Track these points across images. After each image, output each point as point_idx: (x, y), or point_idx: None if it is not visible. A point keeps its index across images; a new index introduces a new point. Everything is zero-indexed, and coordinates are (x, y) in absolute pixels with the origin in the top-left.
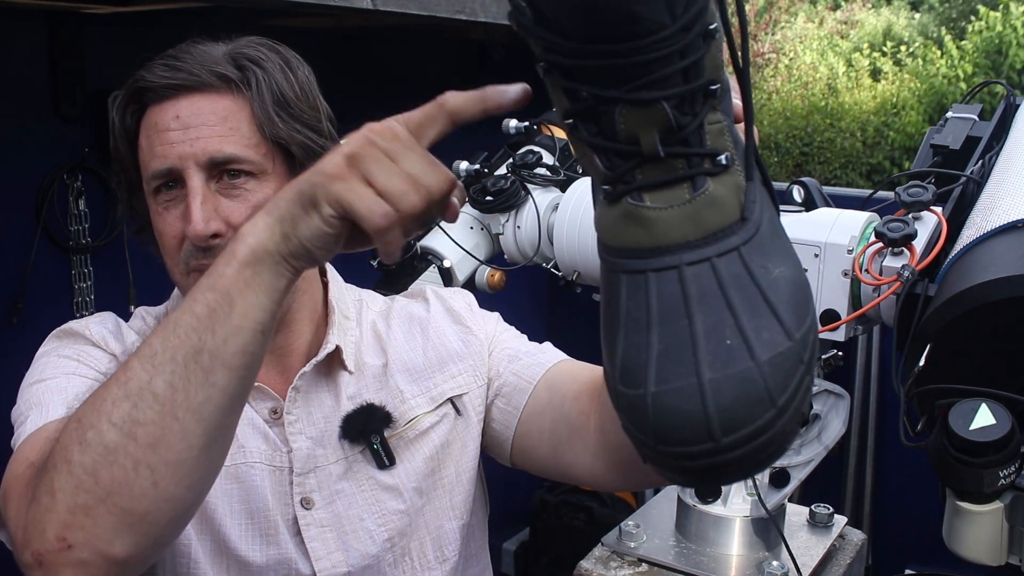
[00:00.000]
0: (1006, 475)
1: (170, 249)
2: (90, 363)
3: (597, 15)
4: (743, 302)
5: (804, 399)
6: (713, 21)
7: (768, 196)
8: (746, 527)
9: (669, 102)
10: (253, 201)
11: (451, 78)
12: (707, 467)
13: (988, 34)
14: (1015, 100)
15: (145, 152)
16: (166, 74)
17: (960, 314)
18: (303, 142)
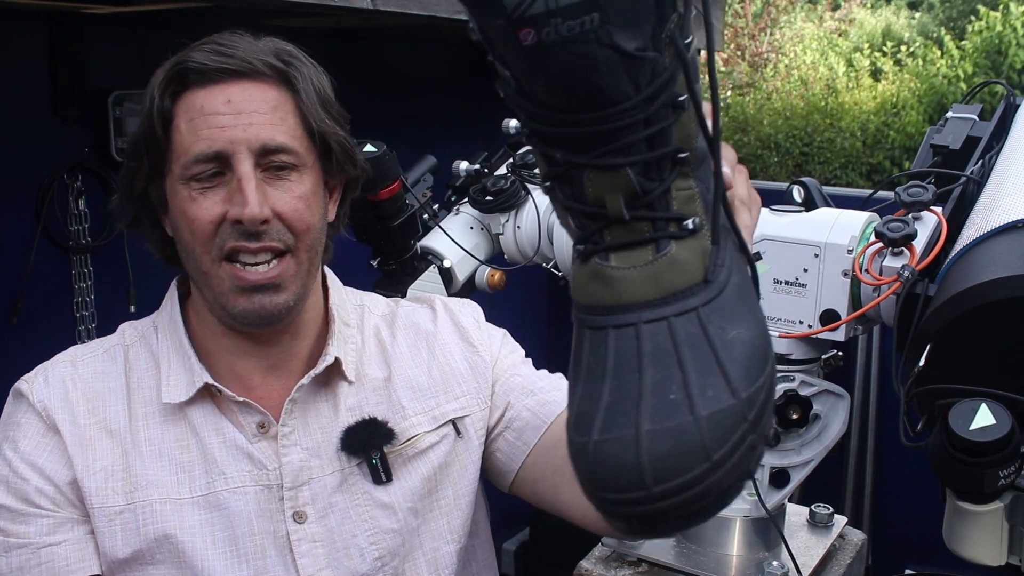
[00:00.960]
0: (1006, 475)
1: (203, 235)
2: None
3: (566, 87)
4: (694, 360)
5: (746, 456)
6: (682, 92)
7: (743, 259)
8: (746, 527)
9: (634, 168)
10: (297, 192)
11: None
12: (641, 515)
13: (988, 34)
14: (1015, 100)
15: (186, 135)
16: (218, 58)
17: (960, 314)
18: (341, 139)
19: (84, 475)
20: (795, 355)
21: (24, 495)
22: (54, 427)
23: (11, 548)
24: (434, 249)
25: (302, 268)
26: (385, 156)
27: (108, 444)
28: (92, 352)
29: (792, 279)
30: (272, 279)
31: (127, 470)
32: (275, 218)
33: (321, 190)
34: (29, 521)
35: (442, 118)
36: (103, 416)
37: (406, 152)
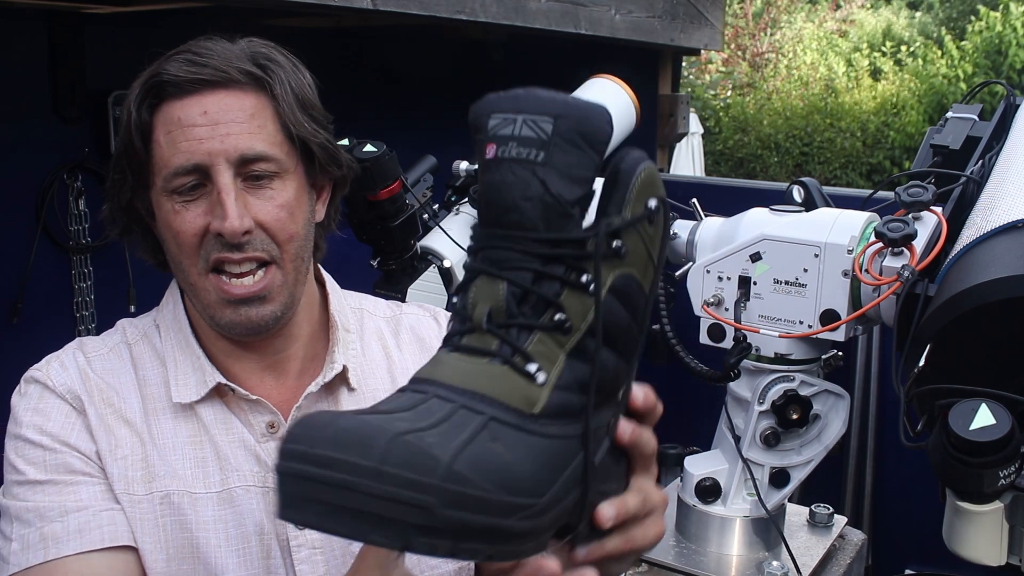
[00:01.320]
0: (1006, 475)
1: (188, 247)
2: (55, 448)
3: (497, 199)
4: (445, 432)
5: (405, 506)
6: (588, 272)
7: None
8: (746, 527)
9: (511, 288)
10: (279, 200)
11: (451, 78)
12: (289, 456)
13: (988, 34)
14: (1015, 100)
15: (165, 148)
16: (191, 69)
17: (960, 314)
18: (322, 142)
19: (107, 459)
20: (795, 355)
21: (69, 467)
22: (81, 408)
23: (68, 512)
24: (434, 249)
25: (288, 278)
26: (385, 156)
27: (127, 433)
28: (98, 351)
29: (792, 279)
30: (257, 292)
31: (145, 460)
32: (257, 228)
33: (305, 195)
34: (81, 488)
35: (442, 118)
36: (119, 407)
37: (406, 152)
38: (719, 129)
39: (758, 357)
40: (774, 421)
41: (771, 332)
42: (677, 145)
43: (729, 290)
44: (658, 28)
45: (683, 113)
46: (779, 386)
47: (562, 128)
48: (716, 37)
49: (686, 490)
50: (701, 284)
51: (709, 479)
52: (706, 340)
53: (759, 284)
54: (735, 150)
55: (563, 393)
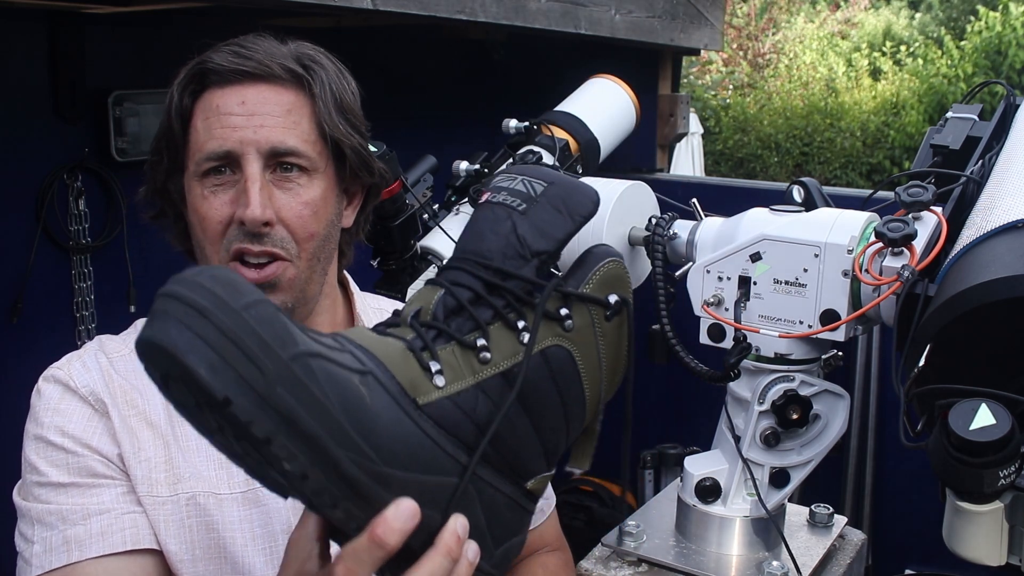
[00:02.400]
0: (1006, 475)
1: (213, 234)
2: (77, 451)
3: (480, 230)
4: (327, 345)
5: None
6: (525, 321)
7: None
8: (746, 527)
9: (445, 297)
10: (304, 197)
11: (451, 78)
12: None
13: (988, 34)
14: (1015, 100)
15: (201, 133)
16: (236, 60)
17: (960, 314)
18: (355, 146)
19: (131, 461)
20: (795, 355)
21: (91, 470)
22: (103, 410)
23: (91, 515)
24: (434, 249)
25: (301, 275)
26: (385, 156)
27: (150, 435)
28: (119, 350)
29: (792, 279)
30: (267, 278)
31: (169, 462)
32: (279, 223)
33: (333, 196)
34: (103, 491)
35: (442, 118)
36: (142, 408)
37: (406, 152)
38: (719, 129)
39: (758, 357)
40: (774, 421)
41: (771, 332)
42: (677, 145)
43: (729, 290)
44: (658, 28)
45: (683, 113)
46: (779, 386)
47: (551, 192)
48: (716, 37)
49: (686, 490)
50: (701, 284)
51: (709, 479)
52: (706, 340)
53: (759, 284)
54: (735, 150)
55: (457, 411)
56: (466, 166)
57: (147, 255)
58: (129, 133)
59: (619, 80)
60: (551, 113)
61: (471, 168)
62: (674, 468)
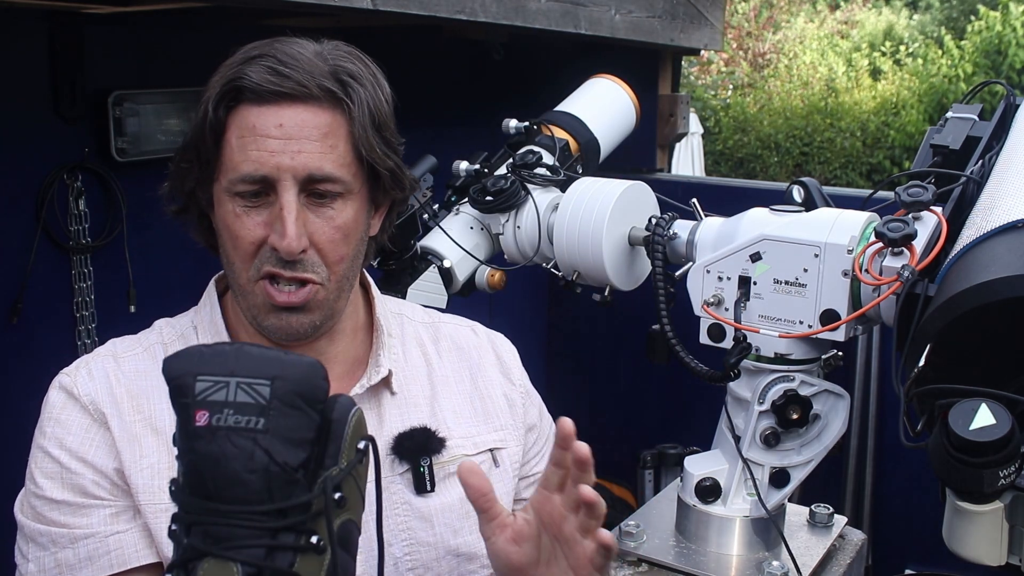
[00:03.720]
0: (1006, 475)
1: (244, 254)
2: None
3: (217, 472)
4: None
5: None
6: (320, 534)
7: None
8: (746, 527)
9: (244, 568)
10: (337, 221)
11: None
12: None
13: (988, 34)
14: (1015, 100)
15: (236, 152)
16: (273, 79)
17: (960, 314)
18: (391, 166)
19: (132, 471)
20: (795, 355)
21: (82, 488)
22: (103, 421)
23: (78, 539)
24: (434, 249)
25: (330, 296)
26: None
27: (154, 442)
28: (132, 350)
29: (792, 279)
30: (298, 303)
31: (172, 468)
32: (311, 248)
33: (364, 214)
34: (91, 512)
35: (442, 118)
36: (148, 414)
37: (406, 152)
38: (719, 129)
39: (758, 357)
40: (774, 421)
41: (771, 332)
42: (677, 145)
43: (729, 290)
44: (658, 28)
45: (683, 113)
46: (779, 386)
47: (280, 391)
48: (716, 37)
49: (686, 490)
50: (701, 284)
51: (709, 479)
52: (706, 340)
53: (759, 284)
54: (735, 150)
55: None
56: (466, 166)
57: (147, 255)
58: (129, 133)
59: (619, 80)
60: (551, 113)
61: (471, 168)
62: (674, 468)
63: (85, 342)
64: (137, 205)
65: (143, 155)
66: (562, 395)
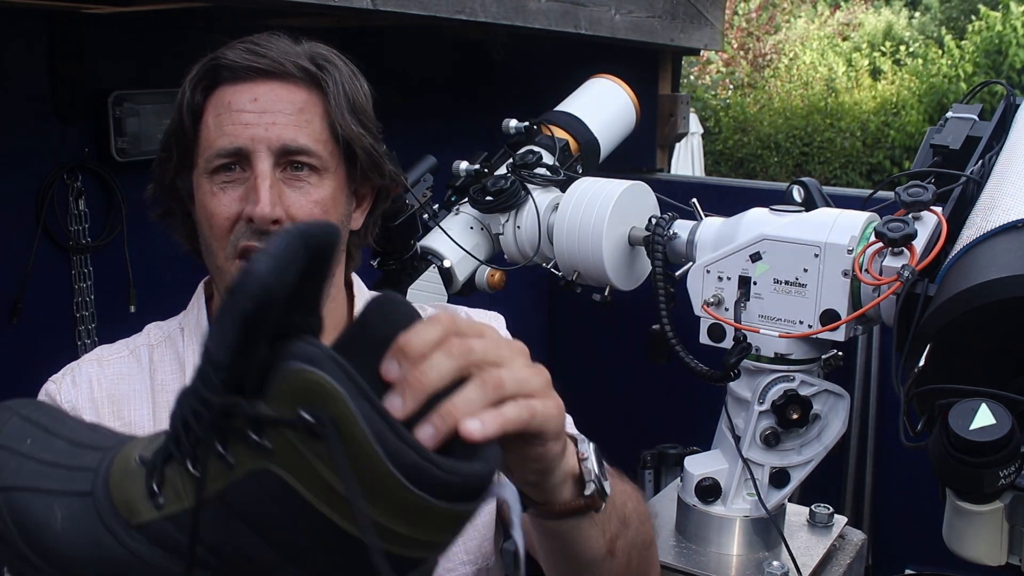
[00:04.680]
0: (1006, 475)
1: (220, 230)
2: None
3: None
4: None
5: None
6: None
7: None
8: (746, 527)
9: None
10: (314, 196)
11: (451, 78)
12: None
13: (988, 34)
14: (1015, 100)
15: (212, 130)
16: (249, 57)
17: (960, 314)
18: (367, 147)
19: None
20: (795, 355)
21: None
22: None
23: None
24: (434, 249)
25: None
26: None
27: None
28: (118, 353)
29: (792, 279)
30: None
31: None
32: (288, 221)
33: (343, 197)
34: None
35: (442, 118)
36: (128, 419)
37: (406, 152)
38: (719, 129)
39: (758, 357)
40: (774, 421)
41: (771, 332)
42: (677, 145)
43: (729, 290)
44: (658, 28)
45: (683, 113)
46: (779, 386)
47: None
48: (716, 37)
49: (686, 490)
50: (701, 284)
51: (709, 479)
52: (706, 340)
53: (759, 284)
54: (735, 150)
55: (175, 531)
56: (466, 166)
57: (147, 255)
58: (129, 133)
59: (619, 80)
60: (551, 113)
61: (471, 168)
62: (674, 468)
63: (85, 342)
64: (137, 205)
65: (143, 155)
66: (562, 395)
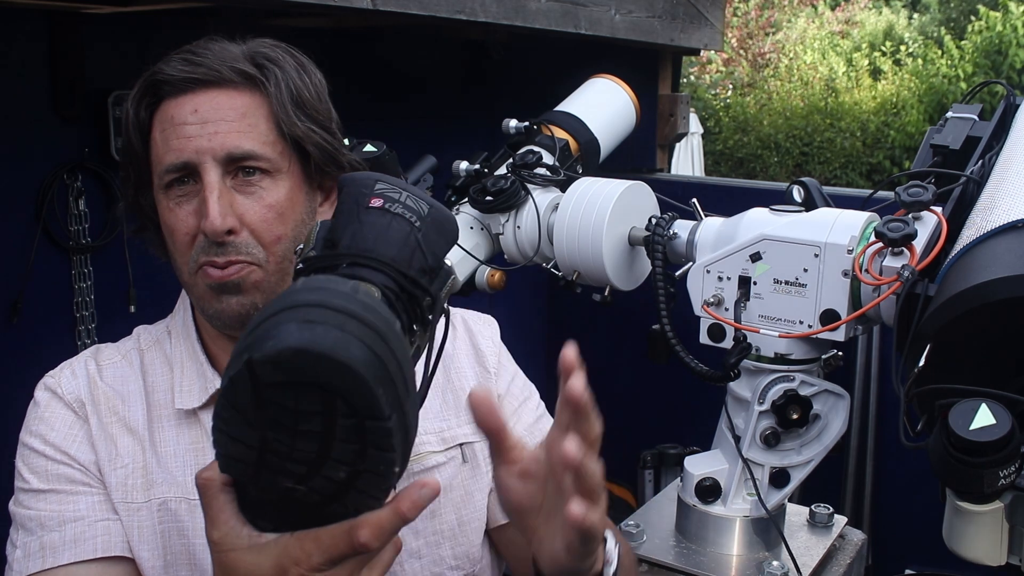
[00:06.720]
0: (1006, 475)
1: (181, 246)
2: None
3: (376, 235)
4: None
5: None
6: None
7: None
8: (746, 527)
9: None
10: (268, 200)
11: (451, 78)
12: None
13: (988, 34)
14: (1015, 100)
15: (159, 146)
16: (185, 68)
17: (960, 314)
18: (319, 142)
19: (107, 468)
20: (795, 355)
21: (69, 477)
22: (84, 416)
23: (66, 522)
24: None
25: (270, 277)
26: (385, 156)
27: (129, 442)
28: (111, 358)
29: (792, 279)
30: (229, 276)
31: (145, 468)
32: (243, 229)
33: (302, 195)
34: (79, 499)
35: (442, 118)
36: (124, 415)
37: (406, 152)
38: (719, 129)
39: (758, 357)
40: (774, 421)
41: (771, 332)
42: (677, 145)
43: (729, 290)
44: (658, 28)
45: (683, 113)
46: (779, 386)
47: (435, 215)
48: (716, 37)
49: (686, 490)
50: (701, 284)
51: (709, 479)
52: (706, 340)
53: (759, 284)
54: (735, 150)
55: None
56: (466, 166)
57: (147, 255)
58: None
59: (619, 80)
60: (551, 113)
61: (471, 168)
62: (674, 468)
63: (85, 342)
64: None
65: None
66: None
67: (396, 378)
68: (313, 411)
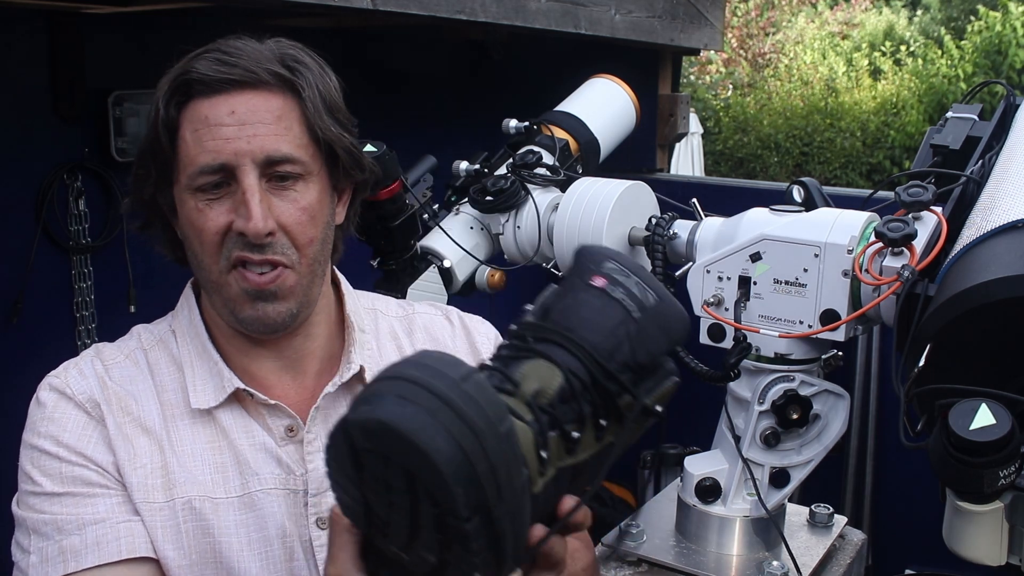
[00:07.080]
0: (1006, 475)
1: (211, 245)
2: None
3: (586, 315)
4: None
5: None
6: (608, 420)
7: None
8: (746, 527)
9: (564, 384)
10: (302, 203)
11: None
12: None
13: (988, 34)
14: (1015, 100)
15: (191, 146)
16: (221, 68)
17: (960, 314)
18: (347, 146)
19: (127, 468)
20: (795, 355)
21: (85, 479)
22: (99, 417)
23: (86, 524)
24: (434, 249)
25: (303, 280)
26: (385, 156)
27: (146, 442)
28: (115, 358)
29: (792, 279)
30: (268, 284)
31: (165, 468)
32: (279, 231)
33: (328, 197)
34: (98, 501)
35: (442, 118)
36: (138, 415)
37: (406, 152)
38: (719, 129)
39: (758, 357)
40: (774, 421)
41: (771, 332)
42: (677, 145)
43: (729, 290)
44: (658, 28)
45: (683, 113)
46: (779, 386)
47: (660, 309)
48: (716, 37)
49: (686, 490)
50: (701, 284)
51: (709, 479)
52: (706, 340)
53: (759, 284)
54: (735, 150)
55: (543, 497)
56: (466, 166)
57: (147, 255)
58: (129, 133)
59: (619, 80)
60: (551, 113)
61: (471, 168)
62: (674, 468)
63: (85, 342)
64: None
65: None
66: None
67: (485, 480)
68: (400, 487)
